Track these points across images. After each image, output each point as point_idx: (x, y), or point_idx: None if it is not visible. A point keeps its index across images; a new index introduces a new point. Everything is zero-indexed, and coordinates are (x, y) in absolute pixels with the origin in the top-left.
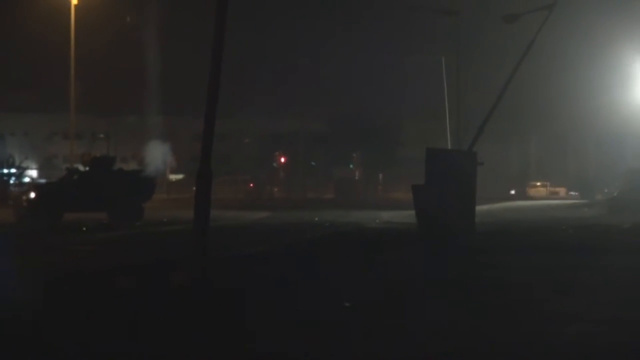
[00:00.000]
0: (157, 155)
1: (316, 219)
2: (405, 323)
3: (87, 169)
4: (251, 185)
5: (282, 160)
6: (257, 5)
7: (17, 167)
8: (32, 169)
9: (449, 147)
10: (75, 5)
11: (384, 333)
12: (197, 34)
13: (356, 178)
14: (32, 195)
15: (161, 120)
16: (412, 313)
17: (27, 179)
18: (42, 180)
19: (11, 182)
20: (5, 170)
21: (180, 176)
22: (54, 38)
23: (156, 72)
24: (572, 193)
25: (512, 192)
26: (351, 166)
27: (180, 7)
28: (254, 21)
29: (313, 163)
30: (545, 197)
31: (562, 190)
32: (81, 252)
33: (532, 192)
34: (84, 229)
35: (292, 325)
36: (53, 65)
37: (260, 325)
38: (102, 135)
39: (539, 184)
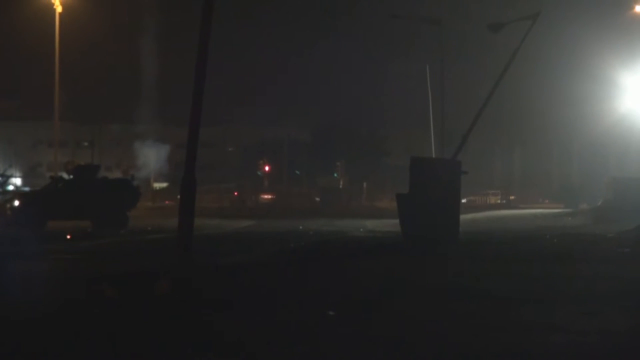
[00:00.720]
0: (153, 157)
1: (300, 227)
2: (387, 333)
3: (71, 177)
4: (235, 193)
5: (267, 168)
6: (242, 14)
7: (1, 176)
8: (16, 177)
9: (433, 155)
10: (60, 14)
11: (367, 342)
12: (181, 42)
13: (340, 187)
14: (16, 203)
15: (145, 128)
16: (394, 322)
17: (11, 187)
18: (26, 189)
19: None
20: None
21: (164, 184)
22: (38, 46)
23: (141, 80)
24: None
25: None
26: (335, 175)
27: (165, 17)
28: (238, 30)
29: (297, 172)
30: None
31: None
32: (66, 261)
33: (490, 200)
34: (68, 237)
35: (275, 335)
36: (37, 74)
37: (242, 336)
38: (86, 144)
39: (491, 192)
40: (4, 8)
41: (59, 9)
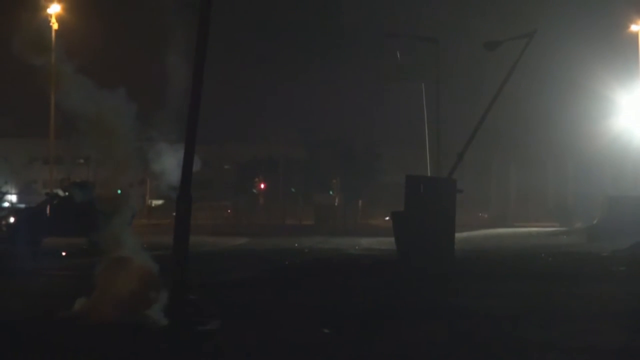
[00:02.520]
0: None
1: (296, 245)
2: (380, 351)
3: (67, 194)
4: (229, 211)
5: (262, 186)
6: (236, 31)
7: None
8: (11, 194)
9: (429, 174)
10: (56, 31)
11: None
12: (179, 56)
13: (336, 204)
14: (12, 220)
15: (141, 145)
16: (389, 340)
17: (6, 204)
18: (22, 205)
19: None
20: None
21: (160, 201)
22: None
23: (138, 97)
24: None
25: None
26: (331, 192)
27: (162, 32)
28: (233, 47)
29: (293, 189)
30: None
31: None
32: (61, 278)
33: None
34: (63, 254)
35: (273, 353)
36: (33, 91)
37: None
38: (82, 161)
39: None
40: None
41: (55, 26)
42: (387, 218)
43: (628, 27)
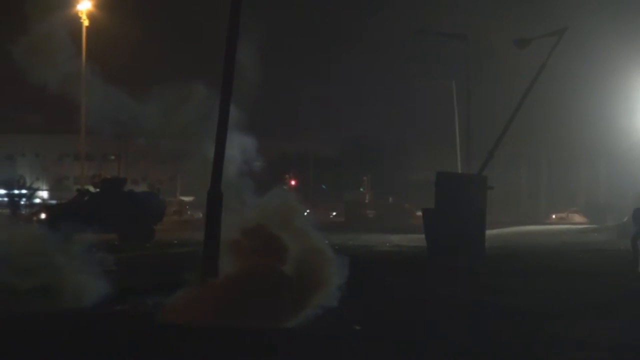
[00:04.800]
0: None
1: (325, 242)
2: (414, 347)
3: (98, 190)
4: None
5: (293, 182)
6: (268, 27)
7: (28, 188)
8: (42, 190)
9: (459, 171)
10: (87, 27)
11: (388, 356)
12: (209, 53)
13: (366, 201)
14: (43, 216)
15: (171, 142)
16: (422, 337)
17: (37, 200)
18: (53, 202)
19: (22, 203)
20: (16, 191)
21: (190, 198)
22: (65, 58)
23: (167, 93)
24: None
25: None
26: (362, 189)
27: (193, 28)
28: (263, 42)
29: (323, 186)
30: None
31: None
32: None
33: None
34: (94, 250)
35: (304, 350)
36: (64, 87)
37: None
38: (112, 157)
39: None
40: (30, 22)
41: (85, 22)
42: (419, 213)
43: None
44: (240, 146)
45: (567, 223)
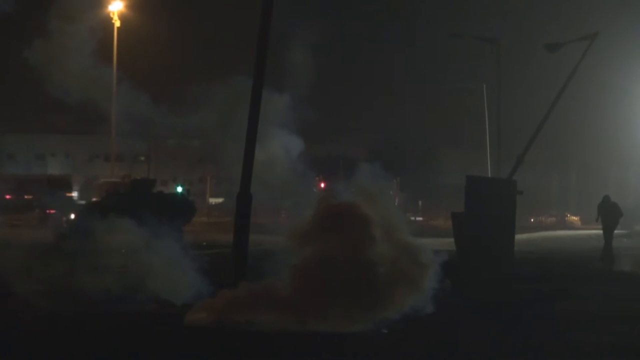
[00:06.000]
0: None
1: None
2: (449, 349)
3: (127, 191)
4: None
5: (322, 185)
6: (298, 30)
7: None
8: (72, 190)
9: (489, 175)
10: (118, 28)
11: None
12: (240, 53)
13: (395, 204)
14: (72, 216)
15: (200, 143)
16: (455, 340)
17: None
18: (83, 202)
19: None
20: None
21: (220, 199)
22: (95, 60)
23: (200, 95)
24: None
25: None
26: (390, 192)
27: (225, 29)
28: (292, 44)
29: (353, 189)
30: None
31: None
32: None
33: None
34: (123, 250)
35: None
36: (95, 87)
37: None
38: (142, 158)
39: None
40: (61, 23)
41: (117, 23)
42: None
43: None
44: (285, 147)
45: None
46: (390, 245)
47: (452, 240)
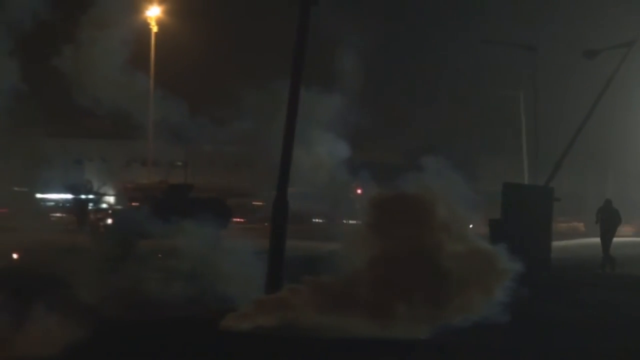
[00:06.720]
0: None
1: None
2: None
3: (164, 195)
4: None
5: (359, 191)
6: (335, 35)
7: (95, 193)
8: (109, 195)
9: (526, 182)
10: (156, 34)
11: None
12: (280, 59)
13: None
14: (109, 221)
15: (236, 149)
16: (484, 350)
17: (104, 205)
18: (119, 207)
19: (89, 207)
20: (83, 196)
21: (259, 203)
22: (133, 66)
23: (237, 101)
24: None
25: None
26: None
27: (264, 35)
28: (328, 50)
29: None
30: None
31: None
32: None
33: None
34: (160, 255)
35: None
36: (132, 92)
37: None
38: (179, 163)
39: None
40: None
41: (154, 28)
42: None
43: None
44: (330, 152)
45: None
46: (462, 247)
47: None
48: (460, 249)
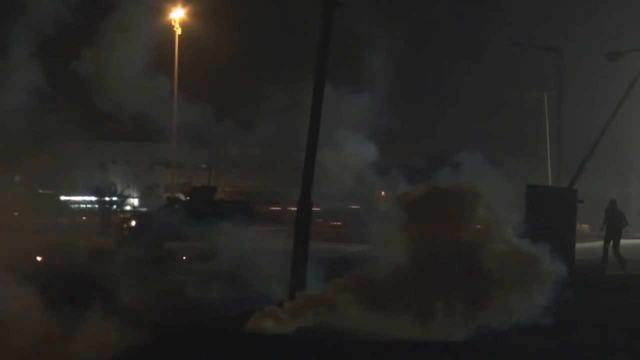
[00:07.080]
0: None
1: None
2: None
3: (188, 198)
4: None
5: (382, 194)
6: (357, 40)
7: (119, 195)
8: (133, 197)
9: (550, 183)
10: (179, 36)
11: None
12: (303, 63)
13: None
14: (133, 223)
15: (261, 151)
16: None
17: (128, 207)
18: (143, 209)
19: (113, 210)
20: (107, 198)
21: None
22: (157, 68)
23: (262, 104)
24: None
25: None
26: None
27: (288, 38)
28: (350, 54)
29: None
30: None
31: None
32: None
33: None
34: (184, 258)
35: None
36: (155, 95)
37: None
38: (203, 165)
39: None
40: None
41: (178, 31)
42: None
43: None
44: (357, 154)
45: None
46: (505, 246)
47: None
48: (501, 249)
